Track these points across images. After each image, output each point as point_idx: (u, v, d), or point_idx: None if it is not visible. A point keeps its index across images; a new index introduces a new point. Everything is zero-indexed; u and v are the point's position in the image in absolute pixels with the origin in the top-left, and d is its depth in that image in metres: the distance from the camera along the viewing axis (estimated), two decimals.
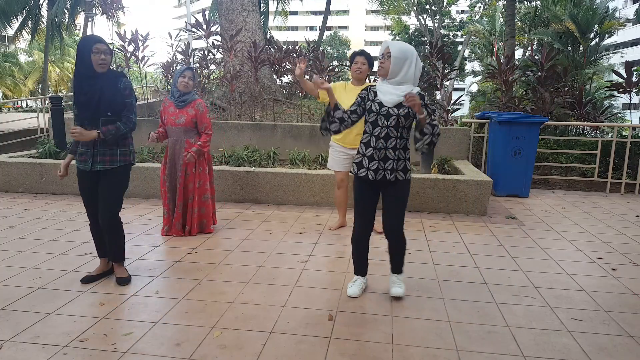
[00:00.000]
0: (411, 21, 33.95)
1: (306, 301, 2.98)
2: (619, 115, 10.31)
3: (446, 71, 7.86)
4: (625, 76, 7.31)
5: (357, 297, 3.05)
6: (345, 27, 58.95)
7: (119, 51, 8.69)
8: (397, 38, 33.00)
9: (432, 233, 4.54)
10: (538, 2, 17.72)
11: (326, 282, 3.29)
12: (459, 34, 34.37)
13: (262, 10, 15.93)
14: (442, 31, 32.65)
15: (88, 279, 3.22)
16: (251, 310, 2.85)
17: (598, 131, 8.25)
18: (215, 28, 9.36)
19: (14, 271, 3.40)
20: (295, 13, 43.52)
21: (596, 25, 12.91)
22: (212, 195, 4.42)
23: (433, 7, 31.54)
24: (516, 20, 14.09)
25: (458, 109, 8.27)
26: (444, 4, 32.04)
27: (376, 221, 3.22)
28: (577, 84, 9.93)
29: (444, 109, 7.52)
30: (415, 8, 30.71)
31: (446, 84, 9.21)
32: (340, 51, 42.04)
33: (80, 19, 25.41)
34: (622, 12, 33.58)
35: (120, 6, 23.81)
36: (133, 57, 8.75)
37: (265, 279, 3.34)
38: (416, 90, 2.82)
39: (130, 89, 3.10)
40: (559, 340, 2.55)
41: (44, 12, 23.14)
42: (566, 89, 8.44)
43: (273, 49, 10.24)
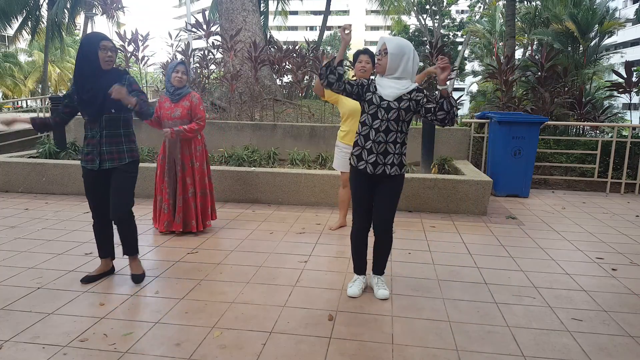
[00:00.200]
0: (411, 21, 33.97)
1: (306, 301, 2.98)
2: (619, 115, 10.30)
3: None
4: (625, 76, 7.31)
5: (357, 297, 3.05)
6: None
7: (120, 51, 8.70)
8: None
9: (432, 233, 4.54)
10: (538, 2, 17.73)
11: (326, 282, 3.29)
12: (459, 34, 34.38)
13: (262, 10, 15.93)
14: (442, 31, 32.66)
15: (88, 279, 3.21)
16: (251, 310, 2.85)
17: (598, 131, 8.25)
18: (215, 28, 9.37)
19: (14, 271, 3.40)
20: (295, 13, 43.50)
21: (596, 25, 12.92)
22: (210, 191, 4.44)
23: (433, 7, 31.55)
24: (516, 20, 14.10)
25: (458, 109, 8.27)
26: (444, 4, 32.05)
27: None
28: (577, 84, 9.92)
29: None
30: (415, 8, 30.72)
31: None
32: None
33: (80, 19, 25.43)
34: (622, 12, 33.57)
35: (120, 6, 23.85)
36: (133, 57, 8.77)
37: (265, 279, 3.34)
38: (414, 86, 2.82)
39: (135, 82, 3.10)
40: (559, 340, 2.55)
41: (44, 12, 23.14)
42: (566, 89, 8.44)
43: (273, 49, 10.24)
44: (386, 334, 2.59)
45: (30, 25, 22.96)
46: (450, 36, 34.08)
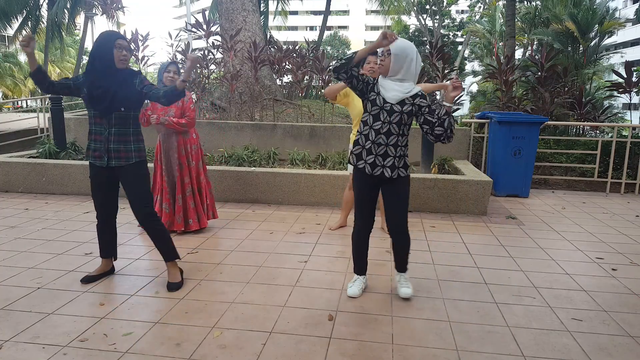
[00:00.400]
0: (411, 21, 34.00)
1: (306, 301, 2.98)
2: (619, 115, 10.31)
3: (446, 71, 7.87)
4: (625, 76, 7.31)
5: (357, 297, 3.05)
6: (345, 27, 58.96)
7: None
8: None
9: (432, 233, 4.54)
10: (538, 2, 17.74)
11: (326, 282, 3.29)
12: (459, 34, 34.40)
13: (262, 10, 15.94)
14: (442, 31, 32.69)
15: (88, 279, 3.21)
16: (251, 310, 2.85)
17: (598, 131, 8.26)
18: (215, 28, 9.36)
19: (14, 271, 3.40)
20: (295, 13, 43.54)
21: (596, 25, 12.93)
22: (207, 189, 4.47)
23: (433, 7, 31.57)
24: (516, 20, 14.11)
25: (458, 109, 8.28)
26: (444, 4, 32.07)
27: (383, 220, 3.22)
28: (577, 84, 9.93)
29: None
30: (415, 8, 30.74)
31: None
32: (340, 51, 42.01)
33: (80, 19, 25.41)
34: (622, 12, 33.55)
35: (120, 6, 23.84)
36: (133, 57, 8.76)
37: (265, 279, 3.34)
38: (417, 90, 2.82)
39: (147, 80, 3.05)
40: (559, 340, 2.55)
41: (44, 12, 23.14)
42: (566, 89, 8.44)
43: (273, 49, 10.24)
44: (386, 334, 2.59)
45: (30, 25, 22.95)
46: (450, 36, 34.11)
